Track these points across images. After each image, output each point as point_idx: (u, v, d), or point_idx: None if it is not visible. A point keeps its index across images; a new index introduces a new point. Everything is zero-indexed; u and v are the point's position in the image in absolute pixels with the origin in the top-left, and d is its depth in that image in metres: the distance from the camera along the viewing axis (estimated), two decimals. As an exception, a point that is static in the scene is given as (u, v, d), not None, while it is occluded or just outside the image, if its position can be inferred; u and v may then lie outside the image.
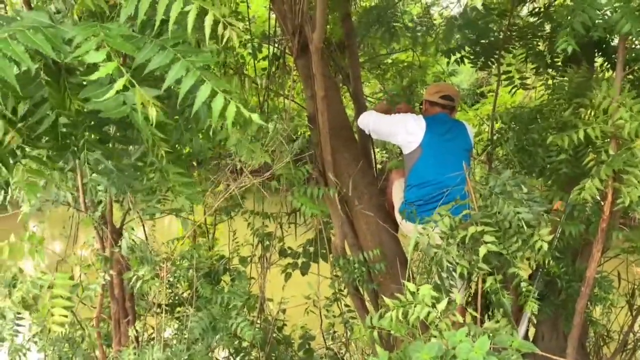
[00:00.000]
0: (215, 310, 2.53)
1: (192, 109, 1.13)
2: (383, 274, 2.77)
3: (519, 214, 1.81)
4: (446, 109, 2.80)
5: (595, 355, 3.25)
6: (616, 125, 1.88)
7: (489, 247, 1.82)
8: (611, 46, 2.71)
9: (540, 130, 2.49)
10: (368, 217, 2.88)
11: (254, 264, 3.39)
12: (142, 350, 2.28)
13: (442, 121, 2.72)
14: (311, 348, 3.54)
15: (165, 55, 1.12)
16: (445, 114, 2.78)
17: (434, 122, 2.67)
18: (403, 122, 2.68)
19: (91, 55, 1.06)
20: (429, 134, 2.61)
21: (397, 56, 4.33)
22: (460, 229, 1.90)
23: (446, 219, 1.90)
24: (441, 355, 1.60)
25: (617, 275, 2.98)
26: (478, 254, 1.84)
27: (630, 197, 1.83)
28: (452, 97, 2.82)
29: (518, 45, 3.06)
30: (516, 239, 1.86)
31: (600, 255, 2.20)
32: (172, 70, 1.12)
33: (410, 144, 2.65)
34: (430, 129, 2.62)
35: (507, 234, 1.88)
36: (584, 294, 2.20)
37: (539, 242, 1.81)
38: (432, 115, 2.77)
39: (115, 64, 1.06)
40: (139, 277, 2.37)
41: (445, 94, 2.80)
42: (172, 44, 1.14)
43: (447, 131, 2.68)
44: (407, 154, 2.69)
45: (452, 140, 2.66)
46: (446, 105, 2.79)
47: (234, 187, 2.49)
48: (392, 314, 1.80)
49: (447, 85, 3.04)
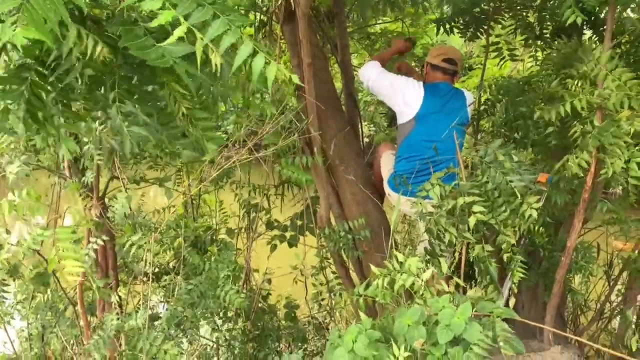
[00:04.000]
0: (203, 279, 2.53)
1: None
2: (368, 243, 2.79)
3: (511, 182, 1.83)
4: (447, 74, 2.71)
5: (573, 323, 3.35)
6: (602, 95, 1.89)
7: (478, 217, 1.84)
8: (600, 19, 2.70)
9: (528, 102, 2.50)
10: (354, 188, 2.88)
11: (240, 235, 3.40)
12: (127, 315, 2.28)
13: (442, 92, 2.65)
14: (296, 316, 3.59)
15: (205, 11, 1.13)
16: (447, 82, 2.70)
17: (433, 93, 2.62)
18: (401, 90, 2.63)
19: (147, 3, 1.08)
20: (424, 107, 2.57)
21: (386, 26, 4.27)
22: (450, 199, 1.90)
23: (437, 187, 1.90)
24: (424, 321, 1.63)
25: (596, 247, 3.05)
26: (466, 223, 1.86)
27: (613, 168, 1.84)
28: (456, 60, 2.72)
29: (507, 17, 3.04)
30: (505, 208, 1.87)
31: (581, 226, 2.24)
32: (212, 27, 1.13)
33: (404, 114, 2.62)
34: (427, 101, 2.58)
35: (495, 203, 1.89)
36: (564, 264, 2.25)
37: (529, 210, 1.83)
38: (433, 82, 2.69)
39: (173, 12, 1.08)
40: (133, 243, 2.35)
41: (448, 57, 2.70)
42: (209, 1, 1.14)
43: (444, 104, 2.62)
44: (401, 124, 2.67)
45: (448, 115, 2.60)
46: (448, 70, 2.70)
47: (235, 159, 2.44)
48: (378, 282, 1.82)
49: (451, 48, 2.89)
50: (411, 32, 4.07)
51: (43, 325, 2.87)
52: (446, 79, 2.72)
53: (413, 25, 4.05)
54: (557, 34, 2.76)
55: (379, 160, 2.97)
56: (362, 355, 1.57)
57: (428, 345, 1.58)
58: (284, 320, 3.58)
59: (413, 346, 1.56)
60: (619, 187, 4.11)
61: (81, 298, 2.43)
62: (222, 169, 2.45)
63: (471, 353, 1.51)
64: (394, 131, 4.31)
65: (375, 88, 2.72)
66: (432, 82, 2.70)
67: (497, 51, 3.07)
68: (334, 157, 2.86)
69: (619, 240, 3.33)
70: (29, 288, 2.79)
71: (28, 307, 2.80)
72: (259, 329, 3.31)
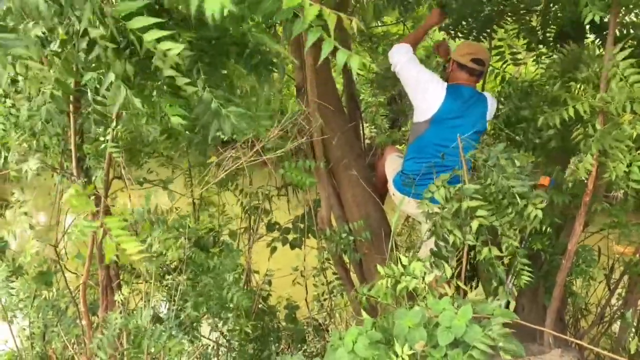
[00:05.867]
0: (207, 279, 2.54)
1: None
2: (368, 245, 2.80)
3: (512, 187, 1.83)
4: (474, 76, 2.57)
5: (573, 327, 3.35)
6: (604, 99, 1.89)
7: (481, 221, 1.84)
8: (604, 23, 2.70)
9: (531, 106, 2.50)
10: (354, 189, 2.89)
11: (241, 236, 3.41)
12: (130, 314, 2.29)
13: (464, 98, 2.53)
14: (296, 317, 3.60)
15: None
16: (471, 87, 2.58)
17: (454, 96, 2.51)
18: (425, 86, 2.52)
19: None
20: (442, 110, 2.50)
21: (388, 29, 4.28)
22: (454, 201, 1.91)
23: (442, 189, 1.91)
24: (424, 323, 1.64)
25: (597, 251, 3.05)
26: (469, 225, 1.87)
27: (616, 171, 1.85)
28: (484, 61, 2.57)
29: (511, 21, 3.04)
30: (510, 210, 1.87)
31: (582, 230, 2.24)
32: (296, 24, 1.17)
33: (421, 113, 2.55)
34: (447, 104, 2.50)
35: (501, 206, 1.89)
36: (565, 267, 2.25)
37: (534, 211, 1.83)
38: (457, 84, 2.56)
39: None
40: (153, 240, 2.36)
41: (477, 57, 2.53)
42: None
43: (464, 111, 2.53)
44: (416, 122, 2.60)
45: (465, 122, 2.50)
46: (475, 71, 2.55)
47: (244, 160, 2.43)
48: (383, 283, 1.83)
49: (480, 47, 2.69)
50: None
51: (45, 325, 2.88)
52: (471, 81, 2.59)
53: (415, 27, 4.06)
54: (559, 38, 2.77)
55: (382, 162, 2.97)
56: (363, 356, 1.58)
57: (428, 347, 1.58)
58: (285, 321, 3.59)
59: (414, 348, 1.57)
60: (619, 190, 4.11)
61: (84, 297, 2.44)
62: (229, 171, 2.45)
63: (471, 356, 1.52)
64: (395, 133, 4.32)
65: (402, 75, 2.59)
66: (456, 84, 2.57)
67: (499, 55, 3.08)
68: (335, 158, 2.87)
69: (619, 244, 3.34)
70: (32, 287, 2.80)
71: (30, 305, 2.81)
72: (258, 329, 3.32)
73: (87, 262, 2.35)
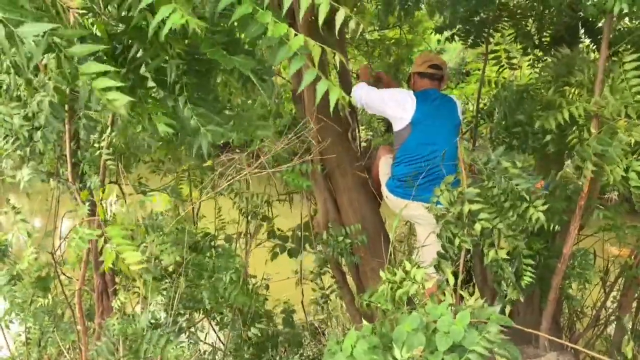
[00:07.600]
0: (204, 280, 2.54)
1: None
2: (365, 249, 2.80)
3: (517, 185, 1.84)
4: (435, 80, 2.77)
5: (569, 330, 3.36)
6: (598, 103, 1.91)
7: (483, 224, 1.86)
8: (598, 28, 2.73)
9: (527, 109, 2.52)
10: (351, 194, 2.89)
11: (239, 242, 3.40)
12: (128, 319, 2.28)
13: (432, 97, 2.70)
14: (293, 321, 3.59)
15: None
16: (434, 89, 2.76)
17: (424, 98, 2.67)
18: (393, 98, 2.68)
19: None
20: (419, 112, 2.62)
21: (384, 33, 4.30)
22: (458, 204, 1.92)
23: (446, 193, 1.92)
24: (423, 328, 1.64)
25: (592, 253, 3.06)
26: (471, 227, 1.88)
27: (613, 175, 1.86)
28: (440, 66, 2.79)
29: (507, 25, 3.06)
30: (512, 213, 1.89)
31: (577, 233, 2.25)
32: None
33: (400, 121, 2.66)
34: (421, 105, 2.63)
35: (503, 209, 1.91)
36: (560, 270, 2.26)
37: (535, 213, 1.84)
38: (422, 90, 2.74)
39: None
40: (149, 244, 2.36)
41: (433, 63, 2.77)
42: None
43: (437, 108, 2.67)
44: (397, 131, 2.71)
45: (442, 117, 2.66)
46: (434, 75, 2.76)
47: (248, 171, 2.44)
48: (384, 288, 1.84)
49: (433, 55, 2.99)
50: (409, 39, 4.10)
51: (42, 331, 2.86)
52: (434, 84, 2.77)
53: (411, 32, 4.08)
54: (555, 42, 2.79)
55: (377, 164, 2.98)
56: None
57: (426, 352, 1.58)
58: (282, 325, 3.58)
59: (411, 353, 1.57)
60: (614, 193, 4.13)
61: (79, 303, 2.43)
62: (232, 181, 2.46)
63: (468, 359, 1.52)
64: (392, 136, 4.33)
65: (369, 100, 2.75)
66: (421, 90, 2.74)
67: (496, 59, 3.10)
68: (331, 162, 2.88)
69: (614, 246, 3.35)
70: (28, 292, 2.79)
71: (27, 311, 2.80)
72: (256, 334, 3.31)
73: (82, 268, 2.34)
